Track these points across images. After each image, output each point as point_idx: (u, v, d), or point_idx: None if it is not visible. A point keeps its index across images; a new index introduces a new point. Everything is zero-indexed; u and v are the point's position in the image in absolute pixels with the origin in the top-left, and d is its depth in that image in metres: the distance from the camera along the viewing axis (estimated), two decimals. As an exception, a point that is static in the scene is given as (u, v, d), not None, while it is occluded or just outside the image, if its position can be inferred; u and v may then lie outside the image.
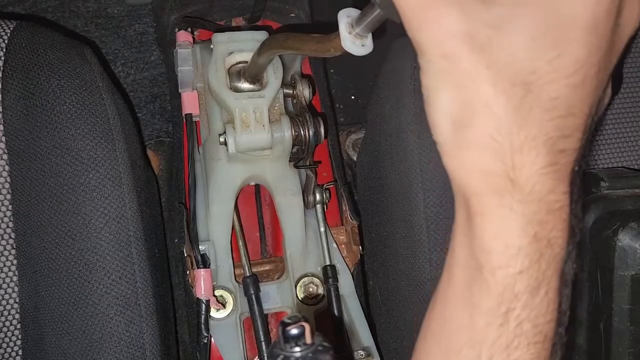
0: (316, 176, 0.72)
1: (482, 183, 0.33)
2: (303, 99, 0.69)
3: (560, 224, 0.34)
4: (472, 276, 0.35)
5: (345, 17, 0.43)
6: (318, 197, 0.71)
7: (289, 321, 0.30)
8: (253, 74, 0.65)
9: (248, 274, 0.68)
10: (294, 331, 0.30)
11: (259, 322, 0.66)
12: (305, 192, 0.71)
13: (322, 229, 0.71)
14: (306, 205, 0.71)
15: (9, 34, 0.62)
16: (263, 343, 0.65)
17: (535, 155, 0.32)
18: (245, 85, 0.66)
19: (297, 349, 0.30)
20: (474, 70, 0.32)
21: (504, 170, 0.33)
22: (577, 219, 0.35)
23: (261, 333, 0.65)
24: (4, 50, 0.61)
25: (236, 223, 0.70)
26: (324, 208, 0.72)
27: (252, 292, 0.66)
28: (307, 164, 0.71)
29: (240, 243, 0.70)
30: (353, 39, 0.42)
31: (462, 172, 0.34)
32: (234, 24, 0.87)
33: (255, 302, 0.66)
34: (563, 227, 0.34)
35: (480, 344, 0.34)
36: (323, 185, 0.73)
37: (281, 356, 0.30)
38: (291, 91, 0.70)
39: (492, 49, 0.32)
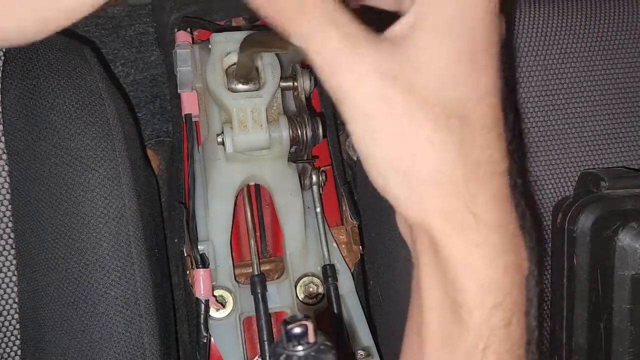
0: (313, 165, 0.72)
1: (445, 223, 0.33)
2: (303, 91, 0.69)
3: (522, 245, 0.34)
4: (449, 316, 0.35)
5: None
6: (314, 178, 0.71)
7: (291, 320, 0.30)
8: (242, 74, 0.65)
9: (256, 273, 0.68)
10: (296, 330, 0.30)
11: (263, 321, 0.66)
12: (302, 175, 0.71)
13: (318, 210, 0.72)
14: (303, 187, 0.71)
15: (8, 34, 0.62)
16: (266, 342, 0.65)
17: (487, 182, 0.33)
18: (242, 85, 0.66)
19: (300, 348, 0.30)
20: (408, 110, 0.32)
21: (463, 205, 0.32)
22: (531, 235, 0.36)
23: (265, 332, 0.65)
24: (4, 50, 0.61)
25: (249, 221, 0.71)
26: (320, 189, 0.72)
27: (259, 290, 0.66)
28: (305, 158, 0.71)
29: (252, 242, 0.70)
30: None
31: (422, 216, 0.33)
32: (234, 24, 0.86)
33: (261, 301, 0.66)
34: (525, 248, 0.34)
35: None
36: (319, 168, 0.73)
37: (283, 355, 0.30)
38: (291, 83, 0.69)
39: (418, 87, 0.32)
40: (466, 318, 0.34)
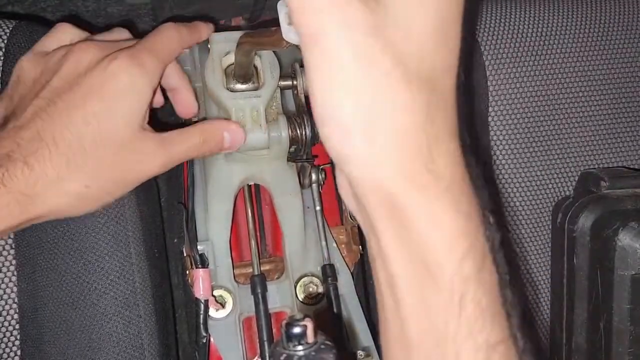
0: (312, 164, 0.72)
1: (404, 182, 0.33)
2: (303, 90, 0.69)
3: (476, 196, 0.35)
4: (419, 280, 0.34)
5: (284, 7, 0.41)
6: (314, 177, 0.71)
7: (292, 320, 0.30)
8: (240, 74, 0.65)
9: (257, 273, 0.68)
10: (296, 330, 0.30)
11: (263, 321, 0.66)
12: (301, 173, 0.71)
13: (318, 208, 0.72)
14: (302, 185, 0.71)
15: (8, 34, 0.62)
16: (266, 342, 0.65)
17: (445, 146, 0.34)
18: (241, 85, 0.66)
19: (300, 347, 0.30)
20: (386, 68, 0.32)
21: (423, 165, 0.33)
22: (482, 191, 0.37)
23: (264, 332, 0.65)
24: (3, 50, 0.61)
25: (250, 221, 0.71)
26: (319, 188, 0.72)
27: (259, 290, 0.66)
28: (304, 157, 0.71)
29: (252, 242, 0.70)
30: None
31: (380, 176, 0.33)
32: (233, 24, 0.86)
33: (261, 301, 0.66)
34: (479, 198, 0.36)
35: (444, 341, 0.34)
36: (319, 166, 0.73)
37: (284, 355, 0.30)
38: (290, 82, 0.69)
39: (399, 48, 0.32)
40: (438, 274, 0.34)
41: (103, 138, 0.51)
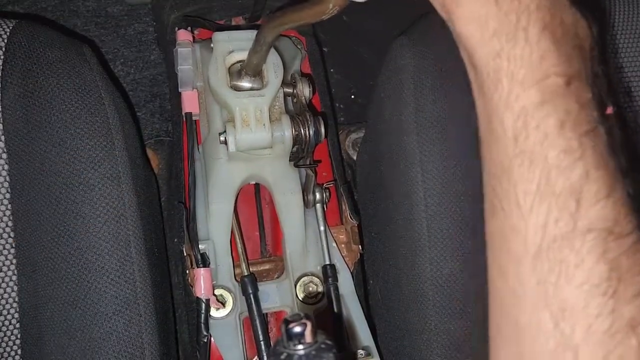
0: (316, 175, 0.72)
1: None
2: (303, 97, 0.69)
3: None
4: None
5: None
6: (318, 196, 0.71)
7: (292, 319, 0.30)
8: (253, 64, 0.64)
9: (246, 273, 0.68)
10: (297, 329, 0.30)
11: (257, 322, 0.66)
12: (305, 191, 0.71)
13: (322, 228, 0.71)
14: (306, 204, 0.71)
15: (8, 33, 0.62)
16: (262, 342, 0.65)
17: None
18: (245, 84, 0.66)
19: (300, 346, 0.30)
20: None
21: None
22: None
23: (260, 332, 0.65)
24: (4, 49, 0.61)
25: (234, 222, 0.70)
26: (323, 207, 0.72)
27: (251, 291, 0.66)
28: (307, 163, 0.71)
29: (239, 242, 0.70)
30: None
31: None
32: (233, 23, 0.87)
33: (253, 302, 0.66)
34: None
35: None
36: (323, 184, 0.73)
37: (284, 354, 0.30)
38: (291, 90, 0.70)
39: None
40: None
41: None
